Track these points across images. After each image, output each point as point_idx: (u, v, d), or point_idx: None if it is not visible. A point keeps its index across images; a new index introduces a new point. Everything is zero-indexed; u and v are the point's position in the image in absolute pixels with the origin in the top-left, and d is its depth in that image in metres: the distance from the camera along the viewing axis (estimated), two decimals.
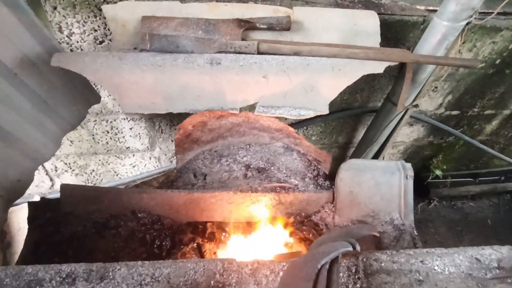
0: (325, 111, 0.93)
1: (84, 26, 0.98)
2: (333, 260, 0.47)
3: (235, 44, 0.93)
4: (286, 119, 1.43)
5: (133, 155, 1.53)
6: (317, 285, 0.43)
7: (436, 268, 0.55)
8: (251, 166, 0.94)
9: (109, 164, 1.54)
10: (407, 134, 1.76)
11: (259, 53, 0.93)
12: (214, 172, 0.94)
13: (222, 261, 0.54)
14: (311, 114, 0.91)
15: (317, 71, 0.92)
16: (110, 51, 0.90)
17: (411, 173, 0.93)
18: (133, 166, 1.58)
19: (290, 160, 0.96)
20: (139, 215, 0.83)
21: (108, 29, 1.00)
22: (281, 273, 0.52)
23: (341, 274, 0.50)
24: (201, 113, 0.86)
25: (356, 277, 0.51)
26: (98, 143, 1.42)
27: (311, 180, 0.94)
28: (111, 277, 0.52)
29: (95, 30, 1.00)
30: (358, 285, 0.50)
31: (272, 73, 0.89)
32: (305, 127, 1.58)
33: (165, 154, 1.56)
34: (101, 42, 1.04)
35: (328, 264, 0.46)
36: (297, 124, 1.52)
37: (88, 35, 1.00)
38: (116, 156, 1.52)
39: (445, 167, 2.01)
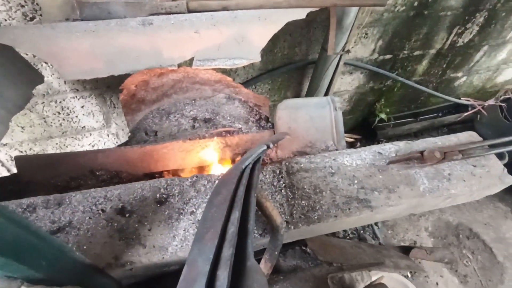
0: (257, 58, 1.02)
1: (9, 2, 0.98)
2: (255, 161, 0.57)
3: (165, 5, 0.98)
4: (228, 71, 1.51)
5: (90, 135, 1.55)
6: (241, 180, 0.53)
7: (346, 162, 0.68)
8: (198, 118, 1.03)
9: (67, 146, 1.55)
10: (349, 82, 1.91)
11: (189, 11, 0.99)
12: (164, 128, 1.02)
13: (166, 180, 0.64)
14: (244, 62, 1.00)
15: (245, 22, 1.00)
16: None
17: (339, 104, 1.05)
18: (92, 146, 1.61)
19: (233, 108, 1.05)
20: (97, 173, 0.90)
21: (37, 4, 1.01)
22: (216, 181, 0.62)
23: (267, 176, 0.61)
24: (141, 72, 0.92)
25: (280, 176, 0.62)
26: (51, 126, 1.42)
27: (254, 123, 1.04)
28: (67, 202, 0.60)
29: (22, 6, 1.00)
30: (281, 182, 0.61)
31: (203, 28, 0.96)
32: (253, 86, 1.67)
33: (122, 130, 1.60)
34: (32, 19, 1.05)
35: (251, 165, 0.56)
36: (245, 83, 1.61)
37: (15, 11, 1.00)
38: (73, 138, 1.53)
39: (388, 110, 2.20)
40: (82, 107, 1.41)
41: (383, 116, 2.19)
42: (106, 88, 1.37)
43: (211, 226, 0.46)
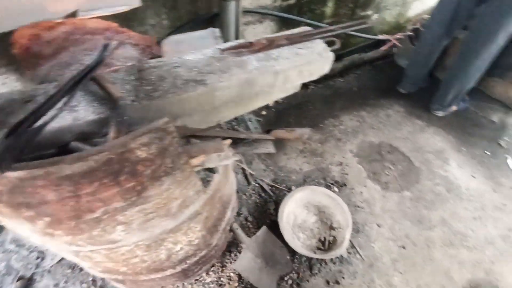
0: (137, 3, 1.15)
1: None
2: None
3: None
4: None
5: None
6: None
7: (190, 58, 0.84)
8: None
9: None
10: (262, 31, 2.07)
11: None
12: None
13: None
14: (125, 8, 1.13)
15: None
16: None
17: (218, 34, 1.21)
18: None
19: (126, 51, 1.18)
20: None
21: None
22: None
23: (121, 74, 0.76)
24: (28, 26, 1.03)
25: (131, 73, 0.77)
26: None
27: None
28: None
29: None
30: (131, 76, 0.76)
31: None
32: None
33: None
34: None
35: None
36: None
37: None
38: None
39: None
40: None
41: None
42: None
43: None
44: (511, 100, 2.31)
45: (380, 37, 2.62)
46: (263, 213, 1.76)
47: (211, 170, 0.94)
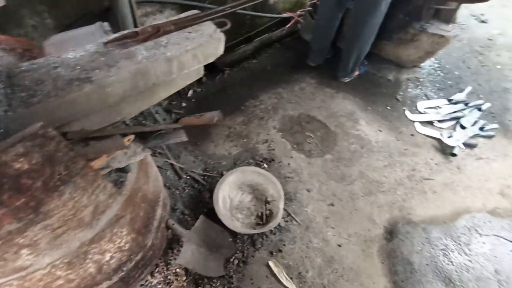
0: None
1: None
2: None
3: None
4: None
5: None
6: None
7: (70, 56, 0.78)
8: None
9: None
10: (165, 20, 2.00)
11: None
12: None
13: None
14: None
15: None
16: None
17: (108, 28, 1.14)
18: None
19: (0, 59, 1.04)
20: None
21: None
22: None
23: None
24: None
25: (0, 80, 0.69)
26: None
27: None
28: None
29: None
30: (0, 85, 0.68)
31: None
32: None
33: None
34: None
35: None
36: None
37: None
38: None
39: None
40: None
41: None
42: None
43: None
44: (400, 59, 2.64)
45: (284, 15, 2.73)
46: (199, 203, 1.76)
47: (124, 170, 0.91)
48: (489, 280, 1.67)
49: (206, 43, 0.88)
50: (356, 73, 2.59)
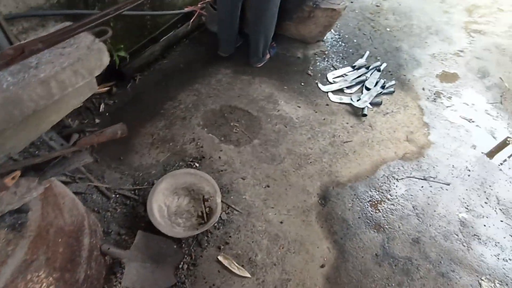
0: None
1: None
2: None
3: None
4: None
5: None
6: None
7: None
8: None
9: None
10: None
11: None
12: None
13: None
14: None
15: None
16: None
17: None
18: None
19: None
20: None
21: None
22: None
23: None
24: None
25: None
26: None
27: None
28: None
29: None
30: None
31: None
32: None
33: None
34: None
35: None
36: None
37: None
38: None
39: (122, 46, 2.25)
40: None
41: (122, 54, 2.23)
42: None
43: None
44: (304, 37, 2.80)
45: (186, 10, 2.68)
46: (135, 219, 1.69)
47: (22, 210, 0.83)
48: (410, 216, 1.92)
49: (84, 56, 0.83)
50: (268, 56, 2.68)
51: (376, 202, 1.96)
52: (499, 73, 3.00)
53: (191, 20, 2.69)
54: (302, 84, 2.59)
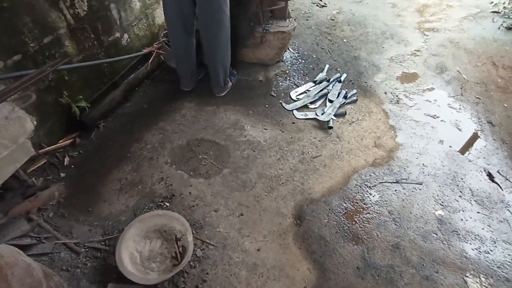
0: None
1: None
2: None
3: None
4: None
5: None
6: None
7: None
8: None
9: None
10: None
11: None
12: None
13: None
14: None
15: None
16: None
17: None
18: None
19: None
20: None
21: None
22: None
23: None
24: None
25: None
26: None
27: None
28: None
29: None
30: None
31: None
32: None
33: None
34: None
35: None
36: None
37: None
38: None
39: (82, 97, 2.27)
40: None
41: (82, 104, 2.24)
42: None
43: None
44: (263, 60, 2.87)
45: (144, 51, 2.74)
46: (106, 271, 1.65)
47: None
48: (387, 222, 1.91)
49: (2, 127, 0.83)
50: (230, 84, 2.73)
51: (351, 213, 1.95)
52: (456, 66, 3.10)
53: (150, 61, 2.74)
54: (267, 106, 2.63)
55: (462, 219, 1.94)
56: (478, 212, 1.98)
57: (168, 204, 1.94)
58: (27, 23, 1.81)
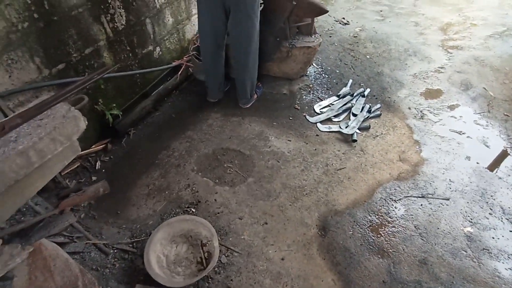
0: None
1: None
2: None
3: None
4: None
5: None
6: None
7: None
8: None
9: None
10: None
11: None
12: None
13: None
14: None
15: None
16: None
17: None
18: None
19: None
20: None
21: None
22: None
23: None
24: None
25: None
26: None
27: None
28: None
29: None
30: None
31: None
32: None
33: None
34: None
35: None
36: None
37: None
38: None
39: (115, 105, 2.39)
40: None
41: (115, 112, 2.36)
42: None
43: None
44: (288, 74, 2.94)
45: (174, 64, 2.87)
46: (134, 273, 1.68)
47: (7, 277, 0.85)
48: (413, 236, 1.88)
49: (60, 125, 0.91)
50: (255, 96, 2.80)
51: (376, 226, 1.92)
52: (482, 83, 3.07)
53: (179, 73, 2.86)
54: (291, 118, 2.67)
55: (493, 237, 1.88)
56: (511, 231, 1.91)
57: (194, 210, 1.98)
58: (72, 35, 1.96)
